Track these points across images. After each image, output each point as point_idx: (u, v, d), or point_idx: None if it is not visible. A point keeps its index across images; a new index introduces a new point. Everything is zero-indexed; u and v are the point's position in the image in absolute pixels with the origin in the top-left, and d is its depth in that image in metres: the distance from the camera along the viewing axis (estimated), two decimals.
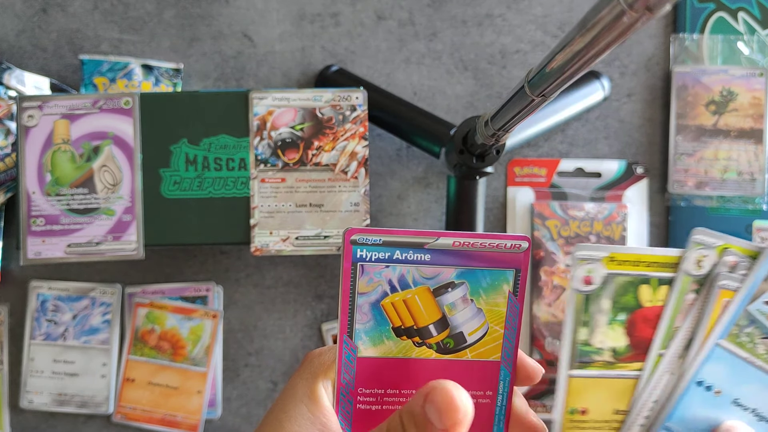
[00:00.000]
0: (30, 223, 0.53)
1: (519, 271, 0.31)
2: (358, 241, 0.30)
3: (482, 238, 0.30)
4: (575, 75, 0.33)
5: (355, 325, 0.31)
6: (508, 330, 0.32)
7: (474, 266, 0.31)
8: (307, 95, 0.55)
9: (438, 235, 0.30)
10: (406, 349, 0.31)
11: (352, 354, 0.31)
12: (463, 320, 0.31)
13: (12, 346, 0.61)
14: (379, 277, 0.30)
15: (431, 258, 0.30)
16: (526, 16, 0.63)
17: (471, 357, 0.32)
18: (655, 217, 0.62)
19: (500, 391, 0.32)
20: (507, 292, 0.31)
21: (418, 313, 0.31)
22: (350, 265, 0.30)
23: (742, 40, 0.62)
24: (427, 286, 0.31)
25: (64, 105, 0.53)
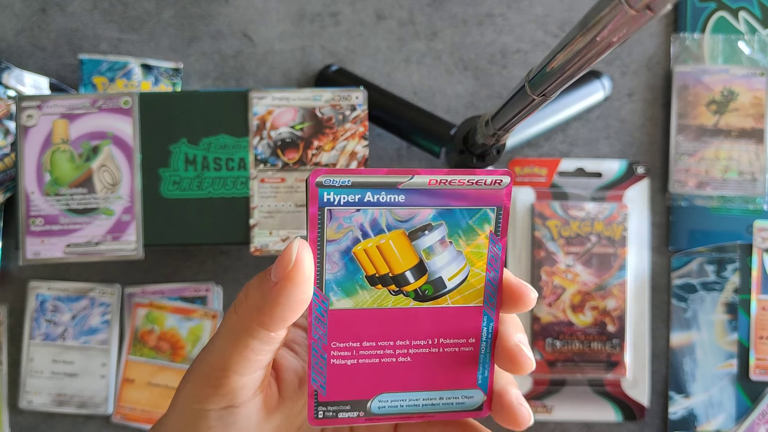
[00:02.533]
0: (29, 223, 0.53)
1: (501, 209, 0.29)
2: (324, 184, 0.27)
3: (461, 175, 0.28)
4: (576, 74, 0.33)
5: (325, 276, 0.28)
6: (491, 273, 0.30)
7: (452, 205, 0.29)
8: (306, 95, 0.54)
9: (412, 173, 0.28)
10: (382, 299, 0.29)
11: (323, 306, 0.29)
12: (441, 264, 0.29)
13: (11, 346, 0.61)
14: (349, 222, 0.28)
15: (405, 199, 0.28)
16: (527, 15, 0.63)
17: (451, 303, 0.30)
18: (656, 216, 0.62)
19: (483, 338, 0.30)
20: (488, 231, 0.29)
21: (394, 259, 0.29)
22: (317, 210, 0.28)
23: (743, 39, 0.62)
24: (402, 229, 0.29)
25: (63, 105, 0.53)
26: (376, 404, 0.30)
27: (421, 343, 0.30)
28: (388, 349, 0.30)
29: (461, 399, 0.31)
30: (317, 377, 0.30)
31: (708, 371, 0.60)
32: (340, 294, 0.29)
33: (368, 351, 0.30)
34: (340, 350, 0.30)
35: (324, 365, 0.30)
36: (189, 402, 0.29)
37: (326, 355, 0.29)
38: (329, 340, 0.29)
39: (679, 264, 0.61)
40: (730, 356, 0.60)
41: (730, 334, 0.60)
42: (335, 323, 0.29)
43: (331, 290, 0.29)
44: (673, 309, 0.61)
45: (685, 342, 0.60)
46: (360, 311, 0.29)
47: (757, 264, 0.59)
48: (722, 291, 0.60)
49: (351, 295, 0.29)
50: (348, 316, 0.29)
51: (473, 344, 0.30)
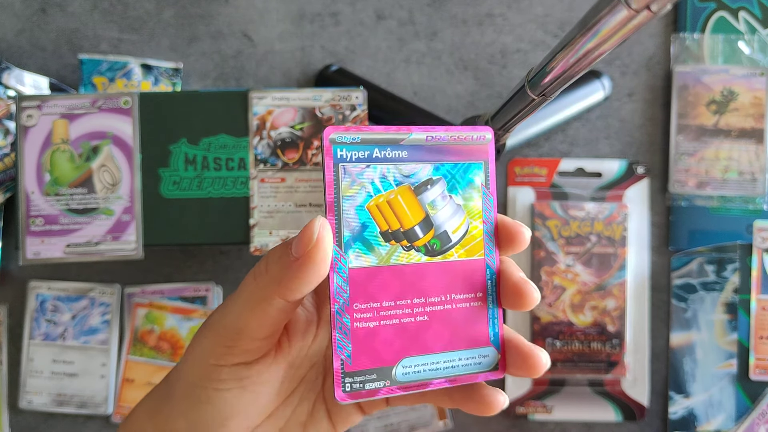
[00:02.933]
0: (29, 223, 0.53)
1: (487, 163, 0.31)
2: (337, 140, 0.29)
3: (451, 131, 0.30)
4: (576, 74, 0.33)
5: (344, 233, 0.29)
6: (487, 224, 0.31)
7: (447, 160, 0.30)
8: (306, 95, 0.54)
9: (410, 129, 0.30)
10: (397, 255, 0.30)
11: (343, 266, 0.29)
12: (445, 218, 0.30)
13: (11, 346, 0.61)
14: (361, 178, 0.29)
15: (408, 154, 0.30)
16: (527, 15, 0.63)
17: (458, 257, 0.31)
18: (657, 216, 0.62)
19: (489, 291, 0.31)
20: (480, 185, 0.31)
21: (403, 214, 0.30)
22: (332, 167, 0.29)
23: (743, 39, 0.62)
24: (408, 184, 0.30)
25: (63, 105, 0.53)
26: (400, 371, 0.30)
27: (436, 300, 0.30)
28: (406, 308, 0.30)
29: (478, 359, 0.31)
30: (342, 345, 0.29)
31: (708, 371, 0.60)
32: (357, 251, 0.29)
33: (388, 312, 0.30)
34: (362, 312, 0.29)
35: (348, 330, 0.29)
36: (204, 357, 0.30)
37: (349, 318, 0.29)
38: (351, 302, 0.29)
39: (679, 264, 0.61)
40: (730, 356, 0.60)
41: (730, 334, 0.60)
42: (355, 283, 0.29)
43: (349, 248, 0.29)
44: (673, 309, 0.61)
45: (685, 342, 0.60)
46: (377, 269, 0.30)
47: (757, 264, 0.59)
48: (722, 291, 0.60)
49: (368, 252, 0.29)
50: (366, 274, 0.29)
51: (481, 298, 0.31)
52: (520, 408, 0.60)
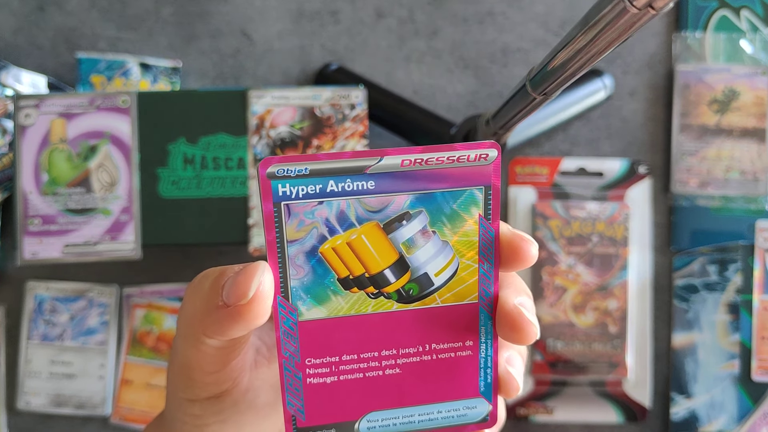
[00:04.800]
0: (26, 223, 0.53)
1: (489, 188, 0.25)
2: (277, 174, 0.23)
3: (439, 152, 0.24)
4: (577, 73, 0.32)
5: (290, 282, 0.25)
6: (484, 263, 0.26)
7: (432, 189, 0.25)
8: (306, 94, 0.54)
9: (381, 153, 0.24)
10: (360, 304, 0.26)
11: (291, 318, 0.25)
12: (426, 258, 0.26)
13: (9, 347, 0.61)
14: (311, 218, 0.24)
15: (376, 185, 0.24)
16: (528, 13, 0.63)
17: (441, 303, 0.26)
18: (658, 216, 0.62)
19: (482, 340, 0.27)
20: (477, 216, 0.25)
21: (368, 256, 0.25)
22: (272, 207, 0.24)
23: (745, 38, 0.61)
24: (375, 221, 0.25)
25: (60, 104, 0.53)
26: (365, 425, 0.27)
27: (411, 351, 0.27)
28: (372, 361, 0.26)
29: (463, 410, 0.27)
30: (293, 400, 0.26)
31: (710, 372, 0.59)
32: (310, 302, 0.25)
33: (350, 365, 0.26)
34: (317, 367, 0.26)
35: (300, 386, 0.26)
36: (174, 392, 0.28)
37: (301, 374, 0.26)
38: (303, 357, 0.26)
39: (681, 264, 0.60)
40: (732, 357, 0.59)
41: (732, 334, 0.59)
42: (308, 337, 0.25)
43: (299, 299, 0.25)
44: (675, 309, 0.60)
45: (687, 343, 0.60)
46: (335, 320, 0.26)
47: (759, 264, 0.59)
48: (724, 291, 0.60)
49: (323, 302, 0.25)
50: (322, 327, 0.25)
51: (471, 347, 0.27)
52: (521, 409, 0.60)
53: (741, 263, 0.60)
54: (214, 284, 0.25)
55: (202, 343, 0.25)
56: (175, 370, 0.28)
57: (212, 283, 0.25)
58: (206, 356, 0.26)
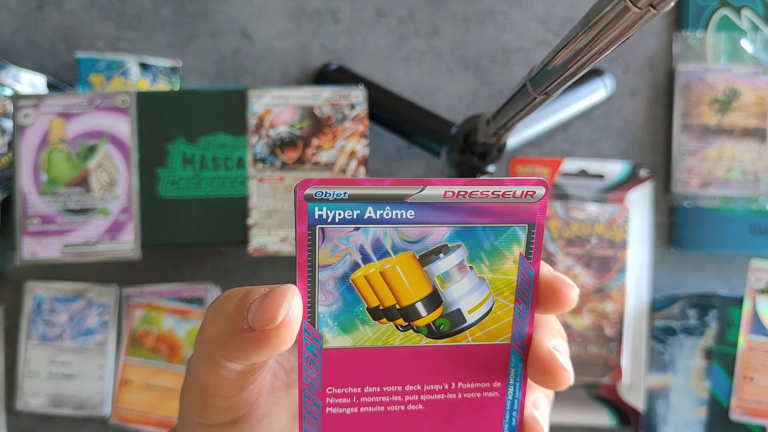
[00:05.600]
0: (25, 223, 0.52)
1: (533, 227, 0.24)
2: (315, 197, 0.23)
3: (484, 185, 0.23)
4: (578, 73, 0.32)
5: (318, 308, 0.24)
6: (521, 304, 0.25)
7: (473, 223, 0.24)
8: (305, 93, 0.54)
9: (424, 183, 0.23)
10: (388, 336, 0.25)
11: (315, 345, 0.24)
12: (460, 294, 0.25)
13: (8, 347, 0.61)
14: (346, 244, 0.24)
15: (415, 215, 0.24)
16: (528, 13, 0.62)
17: (472, 341, 0.25)
18: (660, 216, 0.61)
19: (511, 382, 0.26)
20: (518, 254, 0.25)
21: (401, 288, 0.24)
22: (306, 230, 0.23)
23: (746, 37, 0.61)
24: (412, 252, 0.24)
25: (60, 104, 0.53)
26: None
27: (436, 387, 0.26)
28: (395, 395, 0.26)
29: None
30: (311, 428, 0.25)
31: (681, 416, 0.59)
32: (336, 330, 0.25)
33: (371, 398, 0.25)
34: (338, 396, 0.25)
35: (318, 414, 0.25)
36: (189, 416, 0.27)
37: (320, 402, 0.25)
38: (324, 385, 0.25)
39: (661, 306, 0.60)
40: (704, 403, 0.59)
41: (707, 380, 0.59)
42: (331, 365, 0.25)
43: (325, 325, 0.24)
44: (651, 350, 0.60)
45: (660, 384, 0.59)
46: (361, 350, 0.25)
47: (748, 304, 0.58)
48: (702, 336, 0.59)
49: (350, 331, 0.25)
50: (346, 356, 0.25)
51: (499, 389, 0.26)
52: None
53: (717, 313, 0.59)
54: (239, 306, 0.24)
55: (222, 366, 0.24)
56: (191, 394, 0.27)
57: (237, 304, 0.24)
58: (225, 380, 0.25)
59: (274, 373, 0.29)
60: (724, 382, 0.58)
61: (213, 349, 0.24)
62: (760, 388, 0.58)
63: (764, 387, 0.58)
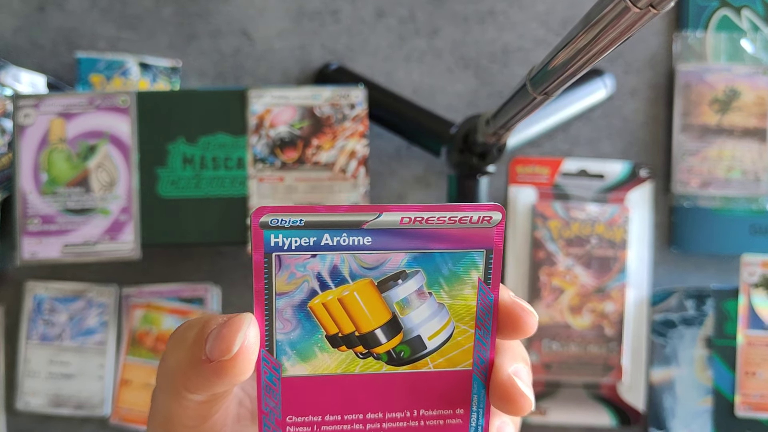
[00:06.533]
0: (26, 223, 0.52)
1: (491, 252, 0.24)
2: (271, 224, 0.23)
3: (441, 211, 0.23)
4: (578, 73, 0.32)
5: (276, 336, 0.24)
6: (481, 329, 0.25)
7: (431, 249, 0.24)
8: (305, 93, 0.54)
9: (380, 210, 0.23)
10: (347, 363, 0.25)
11: (274, 374, 0.24)
12: (420, 320, 0.25)
13: (8, 347, 0.61)
14: (303, 271, 0.24)
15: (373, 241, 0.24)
16: (529, 13, 0.62)
17: (433, 367, 0.25)
18: (660, 216, 0.61)
19: (474, 408, 0.26)
20: (477, 280, 0.25)
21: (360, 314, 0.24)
22: (263, 257, 0.23)
23: (746, 38, 0.61)
24: (370, 278, 0.24)
25: (60, 103, 0.53)
26: None
27: (398, 415, 0.26)
28: (356, 424, 0.25)
29: None
30: None
31: (688, 407, 0.59)
32: (295, 358, 0.24)
33: (332, 426, 0.25)
34: (298, 425, 0.25)
35: None
36: None
37: (281, 431, 0.25)
38: (284, 414, 0.25)
39: (658, 299, 0.60)
40: (710, 392, 0.59)
41: (710, 368, 0.59)
42: (290, 393, 0.25)
43: (283, 354, 0.24)
44: (653, 345, 0.60)
45: (665, 378, 0.59)
46: (320, 378, 0.25)
47: (744, 299, 0.58)
48: (702, 326, 0.59)
49: (309, 359, 0.24)
50: (306, 384, 0.25)
51: (462, 416, 0.26)
52: None
53: (714, 307, 0.59)
54: (198, 337, 0.24)
55: (184, 397, 0.24)
56: (156, 424, 0.26)
57: (196, 335, 0.24)
58: (187, 410, 0.25)
59: (239, 401, 0.29)
60: (726, 374, 0.58)
61: (174, 380, 0.24)
62: (762, 382, 0.58)
63: (766, 381, 0.58)
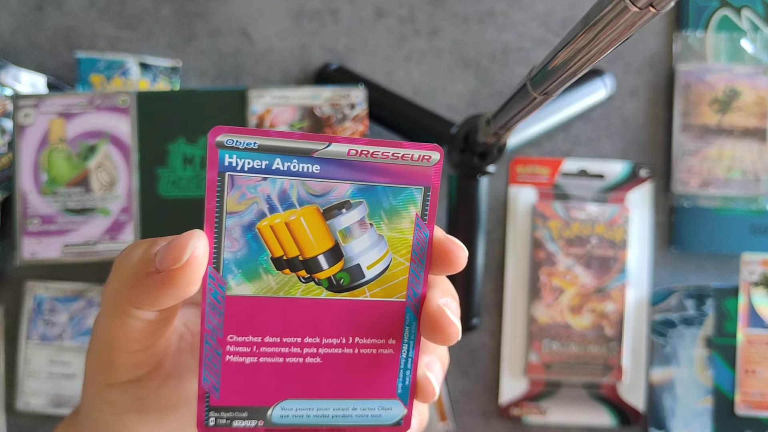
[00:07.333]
0: (26, 223, 0.52)
1: (428, 190, 0.25)
2: (226, 144, 0.24)
3: (385, 146, 0.25)
4: (578, 73, 0.32)
5: (224, 255, 0.25)
6: (415, 263, 0.26)
7: (374, 182, 0.25)
8: (305, 93, 0.54)
9: (330, 140, 0.24)
10: (290, 286, 0.25)
11: (219, 291, 0.25)
12: (360, 250, 0.26)
13: (8, 347, 0.61)
14: (254, 193, 0.24)
15: (321, 170, 0.24)
16: (529, 13, 0.62)
17: (370, 296, 0.26)
18: (660, 216, 0.61)
19: (405, 339, 0.27)
20: (414, 215, 0.26)
21: (305, 239, 0.25)
22: (216, 176, 0.24)
23: (746, 38, 0.61)
24: (316, 205, 0.25)
25: (60, 103, 0.53)
26: (278, 412, 0.27)
27: (334, 341, 0.26)
28: (294, 347, 0.26)
29: (377, 411, 0.27)
30: (210, 376, 0.26)
31: (688, 407, 0.59)
32: (240, 277, 0.25)
33: (271, 348, 0.26)
34: (238, 345, 0.26)
35: (218, 362, 0.26)
36: (92, 375, 0.27)
37: (221, 350, 0.25)
38: (225, 333, 0.25)
39: (658, 299, 0.60)
40: (710, 392, 0.59)
41: (710, 368, 0.59)
42: (233, 312, 0.25)
43: (229, 272, 0.25)
44: (653, 345, 0.60)
45: (665, 378, 0.59)
46: (263, 299, 0.25)
47: (744, 298, 0.58)
48: (702, 326, 0.59)
49: (253, 279, 0.25)
50: (248, 304, 0.25)
51: (393, 346, 0.27)
52: (515, 409, 0.60)
53: (714, 305, 0.59)
54: (146, 252, 0.24)
55: (129, 315, 0.24)
56: (95, 352, 0.26)
57: (144, 251, 0.24)
58: (131, 332, 0.25)
59: (180, 335, 0.29)
60: (726, 373, 0.58)
61: (120, 298, 0.24)
62: (762, 380, 0.58)
63: (766, 379, 0.58)
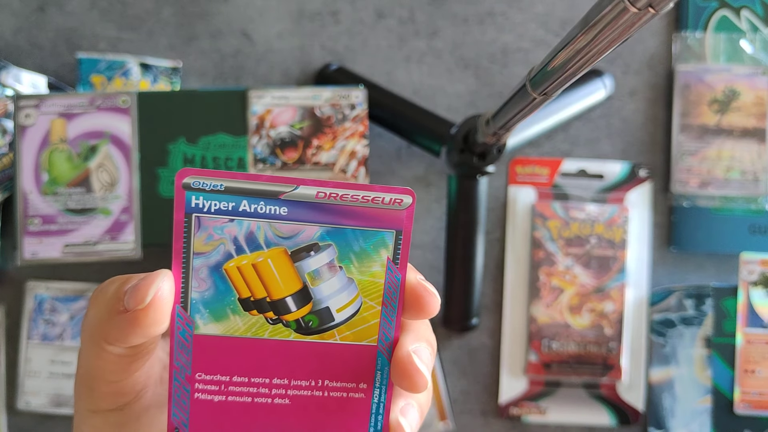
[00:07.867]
0: (27, 223, 0.53)
1: (400, 233, 0.25)
2: (192, 186, 0.24)
3: (355, 189, 0.25)
4: (577, 73, 0.32)
5: (191, 294, 0.25)
6: (387, 307, 0.26)
7: (344, 225, 0.25)
8: (306, 94, 0.54)
9: (298, 183, 0.24)
10: (257, 327, 0.26)
11: (187, 330, 0.25)
12: (329, 292, 0.26)
13: (9, 346, 0.61)
14: (220, 234, 0.25)
15: (288, 212, 0.25)
16: (528, 14, 0.63)
17: (340, 339, 0.26)
18: (659, 216, 0.62)
19: (377, 384, 0.27)
20: (386, 259, 0.26)
21: (272, 281, 0.25)
22: (183, 217, 0.24)
23: (745, 38, 0.61)
24: (284, 247, 0.25)
25: (61, 104, 0.53)
26: None
27: (303, 383, 0.26)
28: (262, 387, 0.26)
29: None
30: (179, 412, 0.26)
31: (687, 406, 0.59)
32: (207, 317, 0.25)
33: (239, 387, 0.26)
34: (206, 383, 0.26)
35: (187, 399, 0.26)
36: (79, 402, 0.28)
37: (189, 387, 0.26)
38: (193, 371, 0.26)
39: (658, 299, 0.60)
40: (709, 391, 0.59)
41: (710, 368, 0.59)
42: (201, 351, 0.25)
43: (197, 312, 0.25)
44: (652, 344, 0.60)
45: (664, 377, 0.59)
46: (231, 339, 0.25)
47: (743, 297, 0.58)
48: (701, 325, 0.59)
49: (221, 319, 0.25)
50: (216, 343, 0.25)
51: (365, 390, 0.27)
52: (514, 409, 0.60)
53: (713, 305, 0.59)
54: (118, 290, 0.25)
55: (103, 350, 0.25)
56: (79, 380, 0.27)
57: (116, 289, 0.25)
58: (108, 364, 0.26)
59: (164, 365, 0.29)
60: (725, 372, 0.59)
61: (94, 333, 0.25)
62: (761, 380, 0.58)
63: (765, 378, 0.58)
